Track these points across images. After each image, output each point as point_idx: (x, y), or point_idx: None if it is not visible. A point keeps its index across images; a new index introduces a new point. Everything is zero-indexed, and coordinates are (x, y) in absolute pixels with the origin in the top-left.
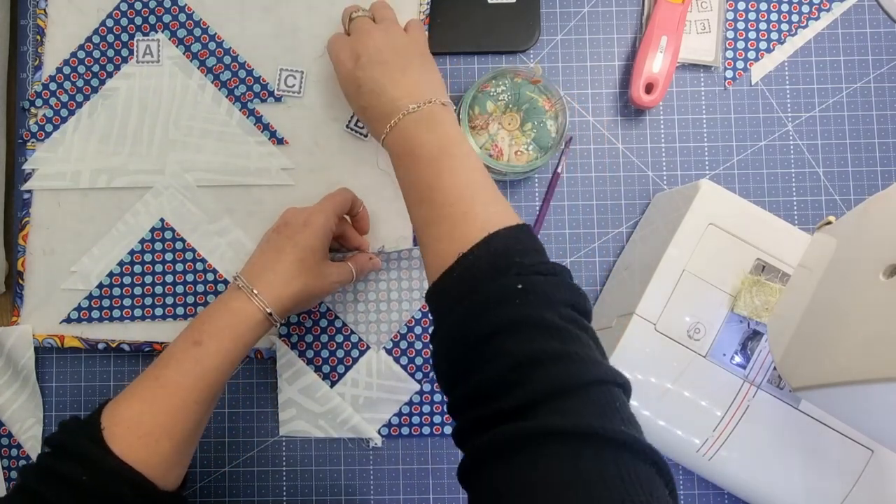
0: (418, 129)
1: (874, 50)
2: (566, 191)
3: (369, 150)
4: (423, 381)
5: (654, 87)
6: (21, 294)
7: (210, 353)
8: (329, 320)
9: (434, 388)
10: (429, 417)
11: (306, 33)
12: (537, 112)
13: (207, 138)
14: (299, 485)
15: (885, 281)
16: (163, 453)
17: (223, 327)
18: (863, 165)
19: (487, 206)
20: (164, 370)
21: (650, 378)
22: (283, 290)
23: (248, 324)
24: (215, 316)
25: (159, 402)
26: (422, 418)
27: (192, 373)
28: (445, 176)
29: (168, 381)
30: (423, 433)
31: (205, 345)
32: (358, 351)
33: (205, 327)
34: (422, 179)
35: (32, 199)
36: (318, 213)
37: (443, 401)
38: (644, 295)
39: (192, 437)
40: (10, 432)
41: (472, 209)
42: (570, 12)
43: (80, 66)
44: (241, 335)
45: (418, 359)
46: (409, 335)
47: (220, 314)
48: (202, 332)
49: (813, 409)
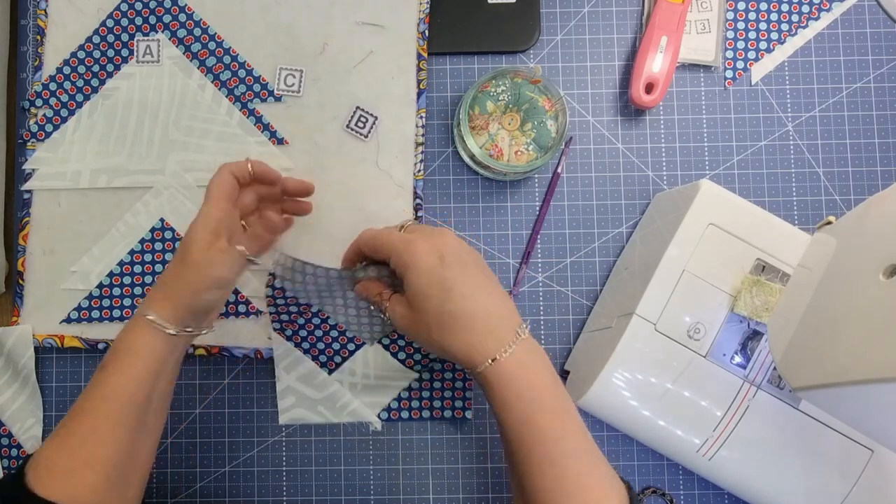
0: (535, 363)
1: (874, 50)
2: (566, 191)
3: (369, 149)
4: (423, 372)
5: (654, 87)
6: (21, 294)
7: (111, 373)
8: (322, 318)
9: (433, 376)
10: (428, 402)
11: (305, 33)
12: (537, 112)
13: (207, 138)
14: (299, 485)
15: (884, 281)
16: (89, 486)
17: (120, 348)
18: (863, 165)
19: (612, 482)
20: (75, 405)
21: (650, 378)
22: (166, 295)
23: (145, 338)
24: (115, 341)
25: (72, 436)
26: (421, 402)
27: (97, 397)
28: (571, 438)
29: (78, 412)
30: (423, 416)
31: (107, 367)
32: (354, 345)
33: (108, 355)
34: (546, 433)
35: (32, 199)
36: (207, 191)
37: (442, 387)
38: (644, 295)
39: (123, 465)
40: (10, 432)
41: (602, 487)
42: (570, 12)
43: (80, 66)
44: (140, 353)
45: (416, 354)
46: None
47: (119, 340)
48: (106, 360)
49: (813, 409)
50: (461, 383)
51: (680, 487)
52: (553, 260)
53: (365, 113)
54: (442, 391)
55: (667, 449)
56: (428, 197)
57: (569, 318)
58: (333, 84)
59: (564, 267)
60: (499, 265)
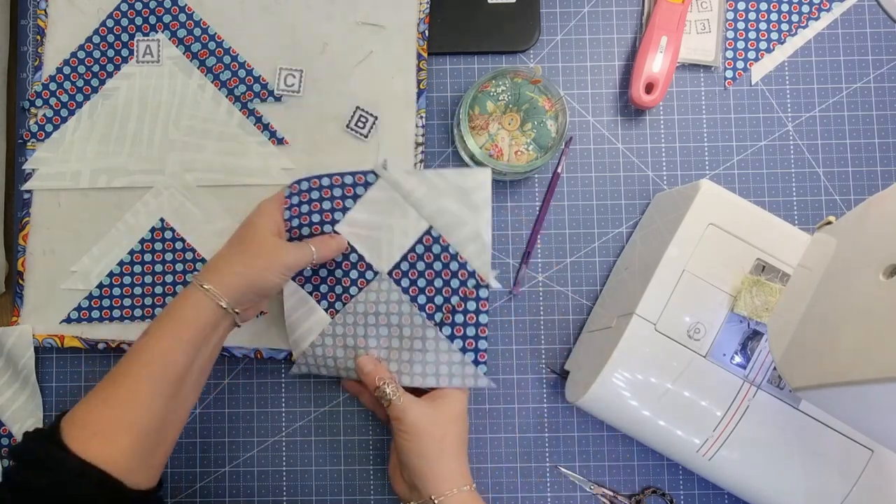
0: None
1: (874, 50)
2: (566, 191)
3: (369, 149)
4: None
5: (654, 87)
6: (21, 294)
7: (157, 338)
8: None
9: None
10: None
11: (305, 32)
12: (537, 112)
13: (207, 138)
14: (299, 485)
15: (884, 281)
16: (123, 449)
17: (170, 317)
18: (863, 165)
19: None
20: (117, 367)
21: (650, 378)
22: (225, 272)
23: (195, 309)
24: (165, 309)
25: (111, 398)
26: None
27: (140, 361)
28: None
29: (118, 374)
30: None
31: (152, 332)
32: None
33: (154, 322)
34: None
35: (32, 199)
36: (270, 199)
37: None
38: (644, 295)
39: (156, 433)
40: (11, 432)
41: None
42: (570, 12)
43: (80, 66)
44: (187, 321)
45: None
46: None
47: (169, 307)
48: (151, 326)
49: (813, 409)
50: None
51: (680, 487)
52: (553, 260)
53: (365, 113)
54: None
55: (667, 449)
56: None
57: (569, 318)
58: (333, 84)
59: (564, 267)
60: (499, 265)
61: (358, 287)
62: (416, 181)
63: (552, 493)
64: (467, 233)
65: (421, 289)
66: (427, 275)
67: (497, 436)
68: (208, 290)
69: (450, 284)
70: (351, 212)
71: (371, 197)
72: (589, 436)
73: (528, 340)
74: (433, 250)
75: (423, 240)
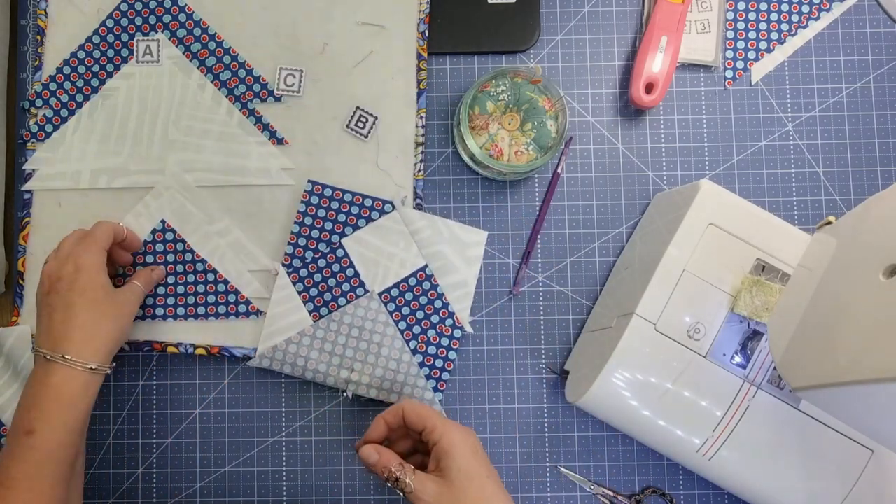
0: None
1: (874, 50)
2: (566, 191)
3: (369, 149)
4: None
5: (654, 87)
6: (21, 294)
7: (45, 437)
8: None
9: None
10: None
11: (305, 32)
12: (537, 112)
13: (207, 138)
14: (299, 485)
15: (885, 281)
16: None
17: (50, 408)
18: (863, 165)
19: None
20: (6, 471)
21: (650, 378)
22: (97, 338)
23: (75, 391)
24: (38, 398)
25: (11, 500)
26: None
27: (31, 461)
28: None
29: (12, 480)
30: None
31: (38, 432)
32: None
33: (32, 413)
34: None
35: (33, 199)
36: (84, 253)
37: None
38: (644, 295)
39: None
40: None
41: None
42: (570, 12)
43: (80, 66)
44: (72, 404)
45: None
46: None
47: (43, 395)
48: (31, 420)
49: (813, 409)
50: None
51: (680, 487)
52: (553, 260)
53: (365, 113)
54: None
55: (667, 449)
56: (428, 197)
57: (569, 318)
58: (333, 84)
59: (564, 267)
60: (499, 265)
61: (346, 299)
62: (425, 223)
63: (552, 493)
64: (457, 280)
65: (404, 316)
66: (412, 305)
67: (497, 436)
68: (74, 360)
69: (430, 319)
70: (361, 231)
71: (383, 224)
72: (589, 436)
73: (528, 340)
74: (424, 286)
75: (418, 275)
